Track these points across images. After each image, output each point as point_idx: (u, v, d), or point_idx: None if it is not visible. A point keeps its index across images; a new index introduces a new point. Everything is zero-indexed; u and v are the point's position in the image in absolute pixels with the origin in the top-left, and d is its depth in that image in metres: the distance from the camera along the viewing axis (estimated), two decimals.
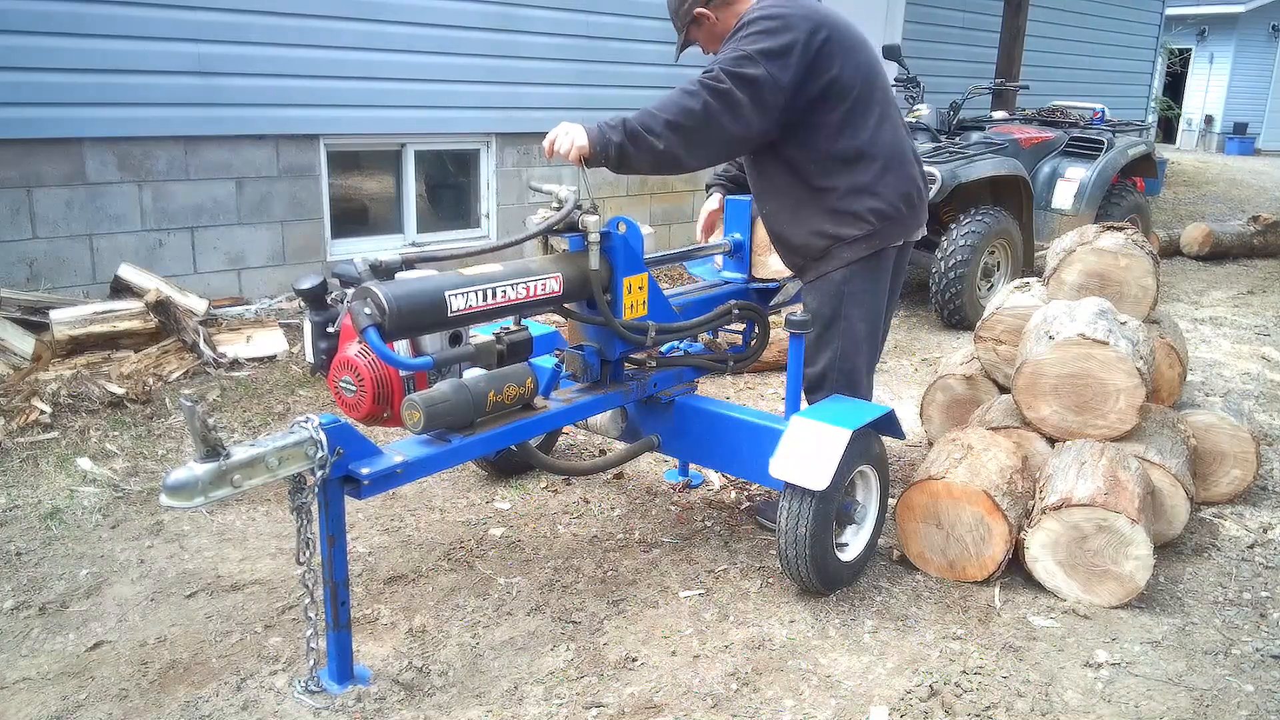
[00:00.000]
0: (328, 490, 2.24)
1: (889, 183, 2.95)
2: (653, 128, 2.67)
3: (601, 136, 2.66)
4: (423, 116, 6.13)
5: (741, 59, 2.72)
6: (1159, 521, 3.13)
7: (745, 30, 2.78)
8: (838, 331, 3.04)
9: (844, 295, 3.01)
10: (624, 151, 2.68)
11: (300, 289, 2.36)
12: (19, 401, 4.00)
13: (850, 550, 2.95)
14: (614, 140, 2.66)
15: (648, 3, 7.09)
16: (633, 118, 2.68)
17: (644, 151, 2.69)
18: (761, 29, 2.75)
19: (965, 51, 10.52)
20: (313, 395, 4.51)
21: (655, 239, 7.23)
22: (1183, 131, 24.00)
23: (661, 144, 2.68)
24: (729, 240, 3.45)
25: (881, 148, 2.93)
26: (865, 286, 3.02)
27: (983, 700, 2.43)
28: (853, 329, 3.05)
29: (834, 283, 3.01)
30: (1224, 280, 7.94)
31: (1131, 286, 3.73)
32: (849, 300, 3.01)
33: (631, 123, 2.67)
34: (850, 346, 3.06)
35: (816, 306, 3.06)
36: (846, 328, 3.04)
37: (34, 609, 2.78)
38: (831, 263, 3.00)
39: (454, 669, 2.53)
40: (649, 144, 2.67)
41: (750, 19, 2.80)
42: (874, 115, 2.92)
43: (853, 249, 2.97)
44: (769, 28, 2.75)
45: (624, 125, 2.66)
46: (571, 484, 3.70)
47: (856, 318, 3.04)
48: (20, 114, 4.62)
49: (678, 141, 2.70)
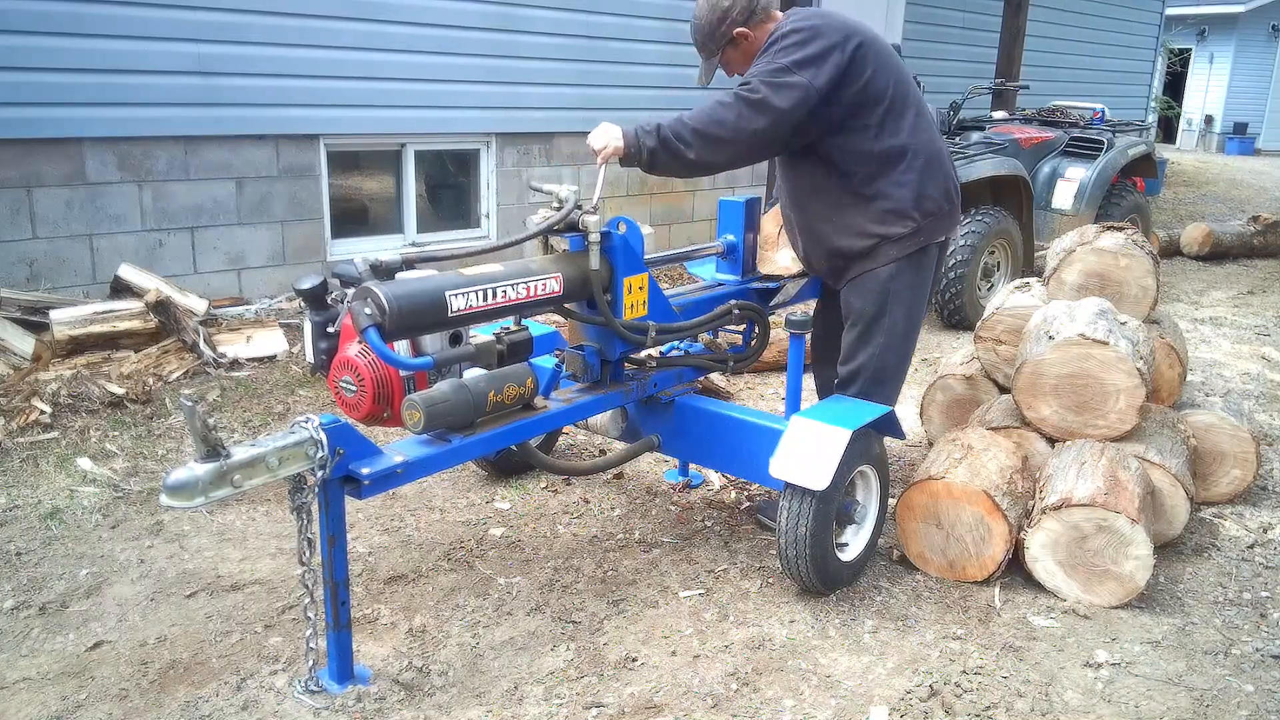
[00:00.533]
0: (328, 490, 2.24)
1: (932, 179, 2.98)
2: (685, 136, 2.75)
3: (636, 140, 2.76)
4: (423, 116, 6.13)
5: (778, 70, 2.77)
6: (1159, 521, 3.13)
7: (778, 44, 2.83)
8: (880, 329, 3.05)
9: (889, 292, 3.02)
10: (655, 156, 2.77)
11: (300, 289, 2.36)
12: (19, 401, 4.00)
13: (850, 550, 2.95)
14: (647, 145, 2.76)
15: (648, 3, 7.09)
16: (667, 124, 2.76)
17: (675, 158, 2.78)
18: (794, 40, 2.80)
19: (965, 51, 10.52)
20: (313, 395, 4.51)
21: (655, 239, 7.23)
22: (1183, 131, 24.00)
23: (692, 153, 2.77)
24: (722, 241, 3.45)
25: (922, 145, 2.97)
26: (910, 283, 3.04)
27: (983, 700, 2.43)
28: (895, 326, 3.06)
29: (879, 280, 3.02)
30: (1224, 280, 7.94)
31: (1131, 286, 3.73)
32: (893, 297, 3.03)
33: (665, 129, 2.76)
34: (889, 343, 3.08)
35: (860, 305, 3.06)
36: (890, 325, 3.05)
37: (34, 609, 2.78)
38: (877, 260, 3.01)
39: (454, 669, 2.53)
40: (680, 151, 2.76)
41: (782, 33, 2.84)
42: (910, 115, 2.96)
43: (899, 246, 2.99)
44: (801, 39, 2.80)
45: (658, 131, 2.75)
46: (571, 484, 3.70)
47: (900, 315, 3.06)
48: (20, 114, 4.62)
49: (708, 150, 2.78)
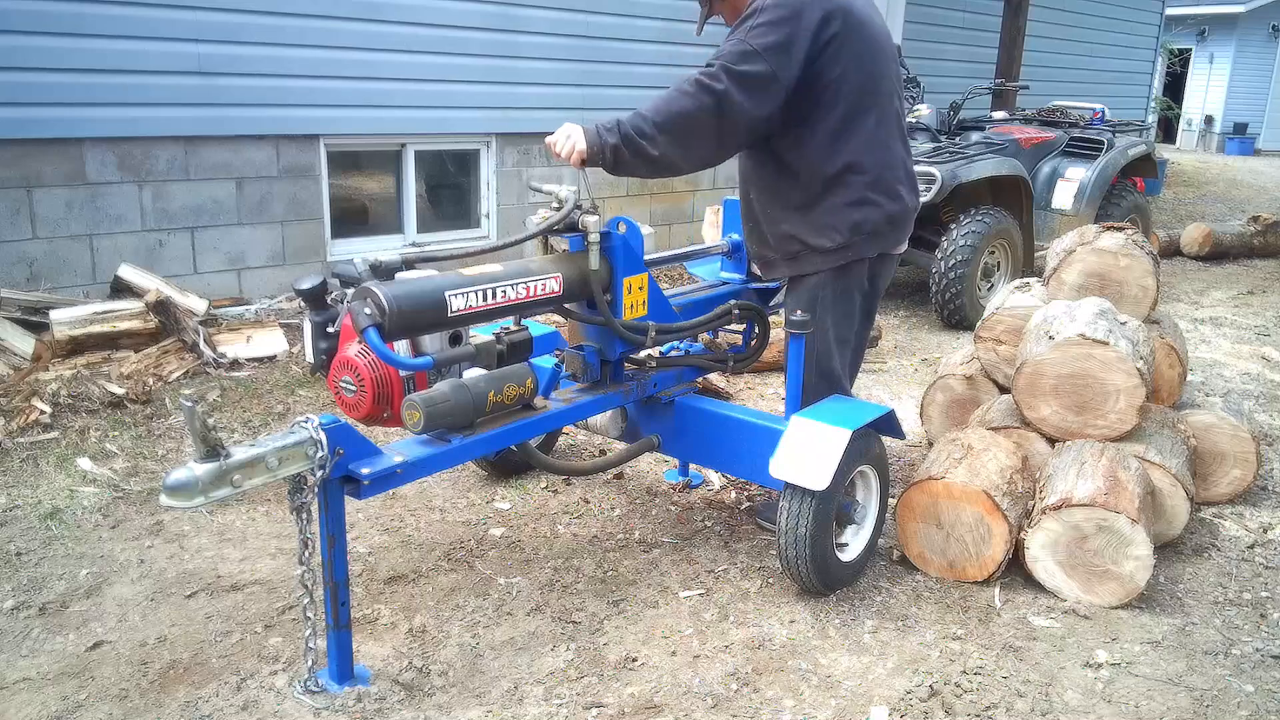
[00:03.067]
0: (328, 490, 2.24)
1: (874, 199, 2.88)
2: (646, 131, 2.62)
3: (599, 139, 2.63)
4: (423, 116, 6.13)
5: (744, 54, 2.64)
6: (1159, 521, 3.13)
7: (752, 20, 2.69)
8: (813, 337, 3.00)
9: (818, 300, 2.99)
10: (619, 156, 2.65)
11: (300, 289, 2.35)
12: (19, 401, 4.00)
13: (850, 550, 2.95)
14: (609, 143, 2.63)
15: (648, 3, 7.09)
16: (627, 120, 2.63)
17: (639, 157, 2.66)
18: (770, 19, 2.66)
19: (965, 51, 10.52)
20: (313, 395, 4.51)
21: (655, 239, 7.23)
22: (1183, 131, 24.00)
23: (656, 150, 2.65)
24: (727, 240, 3.44)
25: (872, 162, 2.86)
26: (839, 294, 3.00)
27: (983, 700, 2.43)
28: (825, 334, 3.03)
29: (809, 287, 3.00)
30: (1224, 280, 7.94)
31: (1131, 286, 3.73)
32: (822, 305, 2.99)
33: (625, 126, 2.62)
34: (824, 349, 3.05)
35: (791, 310, 3.02)
36: (819, 333, 3.01)
37: (34, 609, 2.78)
38: (803, 267, 2.98)
39: (454, 669, 2.53)
40: (643, 149, 2.64)
41: (759, 7, 2.70)
42: (870, 122, 2.84)
43: (825, 258, 2.93)
44: (778, 17, 2.66)
45: (619, 128, 2.62)
46: (571, 484, 3.70)
47: (829, 323, 3.02)
48: (20, 114, 4.62)
49: (672, 146, 2.66)
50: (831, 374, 3.09)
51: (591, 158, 2.65)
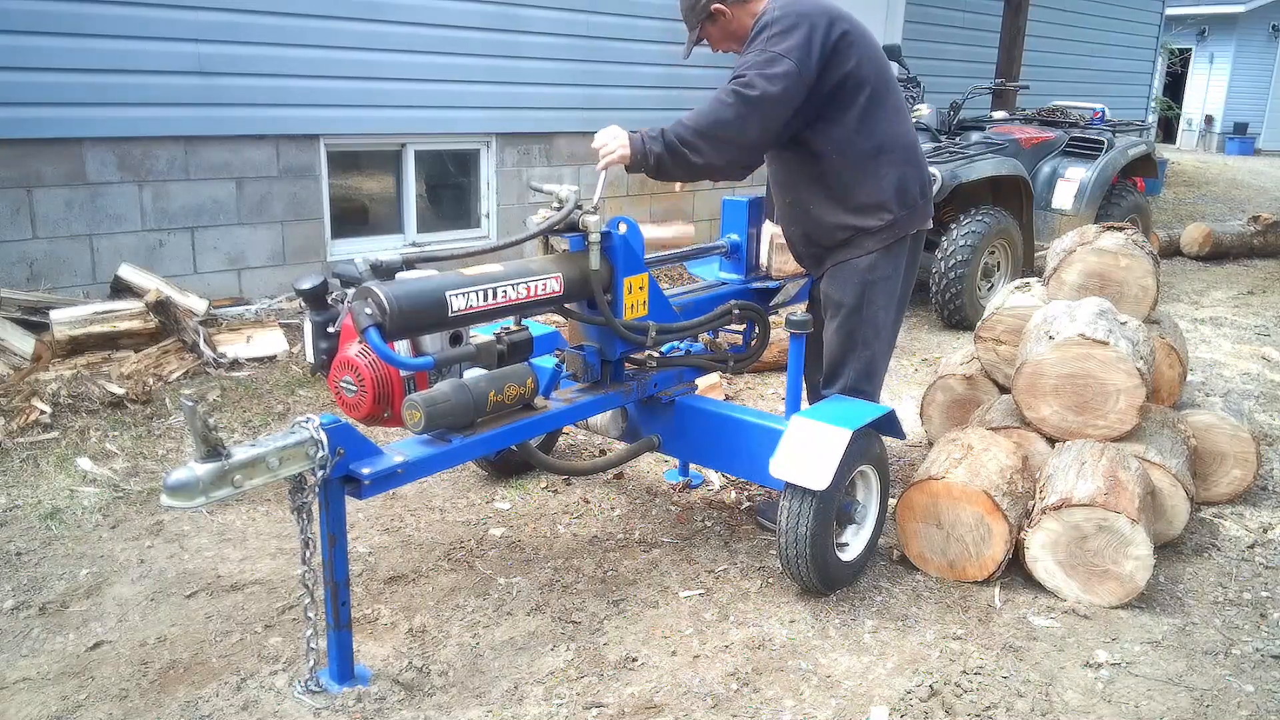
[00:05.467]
0: (328, 490, 2.24)
1: (909, 172, 3.02)
2: (689, 140, 2.77)
3: (642, 146, 2.77)
4: (423, 116, 6.13)
5: (770, 59, 2.79)
6: (1159, 521, 3.13)
7: (766, 32, 2.84)
8: (860, 318, 3.07)
9: (867, 282, 3.05)
10: (662, 162, 2.79)
11: (301, 289, 2.36)
12: (19, 401, 4.00)
13: (850, 550, 2.95)
14: (653, 151, 2.77)
15: (649, 2, 7.08)
16: (671, 130, 2.77)
17: (680, 164, 2.80)
18: (782, 28, 2.82)
19: (965, 51, 10.51)
20: (313, 395, 4.51)
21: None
22: (1183, 131, 24.00)
23: (699, 158, 2.79)
24: (726, 241, 3.44)
25: (899, 138, 3.01)
26: (888, 273, 3.07)
27: (983, 700, 2.43)
28: (875, 316, 3.09)
29: (858, 269, 3.05)
30: (1224, 280, 7.94)
31: (1131, 287, 3.73)
32: (872, 287, 3.05)
33: (669, 135, 2.77)
34: (871, 333, 3.10)
35: (839, 295, 3.09)
36: (870, 315, 3.08)
37: (34, 609, 2.78)
38: (853, 250, 3.05)
39: (454, 669, 2.53)
40: (685, 157, 2.78)
41: (768, 20, 2.86)
42: (889, 106, 2.99)
43: (876, 238, 3.02)
44: (788, 25, 2.82)
45: (663, 137, 2.77)
46: (571, 484, 3.70)
47: (880, 305, 3.08)
48: (20, 114, 4.61)
49: (714, 151, 2.80)
50: (873, 360, 3.14)
51: (634, 164, 2.79)
